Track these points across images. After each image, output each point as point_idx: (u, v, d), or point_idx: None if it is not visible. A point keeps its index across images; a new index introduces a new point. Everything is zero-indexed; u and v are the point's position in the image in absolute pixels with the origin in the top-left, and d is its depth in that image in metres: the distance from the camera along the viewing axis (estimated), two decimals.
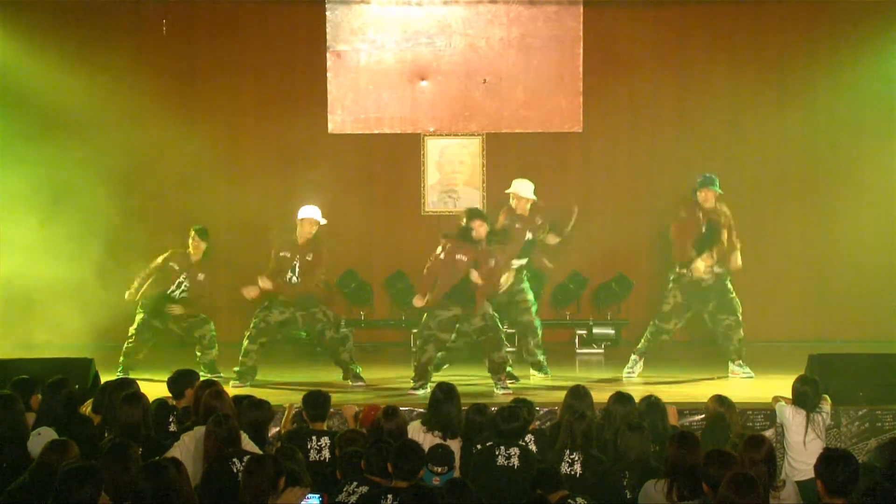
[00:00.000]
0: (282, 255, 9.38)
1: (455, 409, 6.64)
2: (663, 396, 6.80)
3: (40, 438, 5.80)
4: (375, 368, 10.06)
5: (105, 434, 6.42)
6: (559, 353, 11.01)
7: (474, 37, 12.59)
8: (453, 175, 12.64)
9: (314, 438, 6.45)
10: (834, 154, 12.44)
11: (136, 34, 12.52)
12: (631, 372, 9.71)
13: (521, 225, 9.62)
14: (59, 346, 10.43)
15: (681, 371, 10.02)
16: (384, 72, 12.57)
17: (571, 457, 6.12)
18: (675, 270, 9.67)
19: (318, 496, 5.16)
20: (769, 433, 7.02)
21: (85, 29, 12.39)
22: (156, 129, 11.93)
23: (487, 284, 8.89)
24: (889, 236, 12.33)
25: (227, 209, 12.03)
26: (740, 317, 9.67)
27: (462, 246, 8.88)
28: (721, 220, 9.53)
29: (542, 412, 7.72)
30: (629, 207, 12.48)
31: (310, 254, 9.38)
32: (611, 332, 11.78)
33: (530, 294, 9.73)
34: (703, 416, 7.34)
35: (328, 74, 12.54)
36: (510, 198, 9.72)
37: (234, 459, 5.44)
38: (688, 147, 12.43)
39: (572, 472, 6.05)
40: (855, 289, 12.24)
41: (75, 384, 7.45)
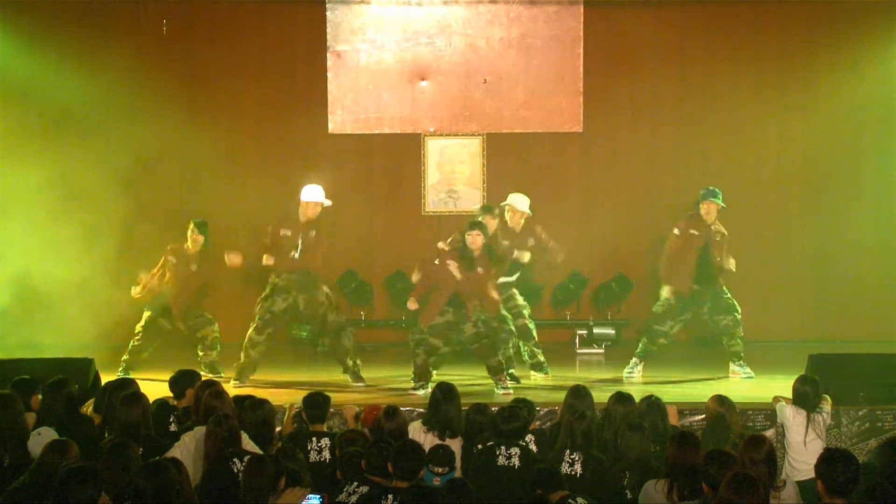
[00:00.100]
0: (283, 233, 9.39)
1: (455, 409, 6.64)
2: (663, 396, 6.81)
3: (40, 438, 5.79)
4: (375, 368, 10.04)
5: (105, 434, 6.42)
6: (559, 353, 11.01)
7: (474, 37, 12.59)
8: (453, 175, 12.63)
9: (314, 440, 6.45)
10: (834, 154, 12.44)
11: (135, 34, 12.51)
12: (631, 373, 9.70)
13: (510, 242, 9.53)
14: (62, 345, 10.41)
15: (681, 371, 10.02)
16: (384, 72, 12.57)
17: (572, 457, 6.12)
18: None
19: (318, 496, 5.16)
20: (769, 433, 7.01)
21: (85, 29, 12.38)
22: (156, 129, 11.92)
23: (473, 286, 8.87)
24: (889, 236, 12.33)
25: (226, 209, 12.01)
26: (738, 316, 9.66)
27: (454, 252, 8.94)
28: (716, 238, 9.58)
29: (542, 412, 7.73)
30: (629, 207, 12.48)
31: (312, 231, 9.41)
32: (611, 332, 11.78)
33: (520, 298, 9.71)
34: (704, 416, 7.35)
35: (328, 74, 12.54)
36: (505, 210, 9.68)
37: (235, 459, 5.43)
38: (688, 147, 12.44)
39: (572, 472, 6.06)
40: (855, 289, 12.24)
41: (75, 384, 7.43)
